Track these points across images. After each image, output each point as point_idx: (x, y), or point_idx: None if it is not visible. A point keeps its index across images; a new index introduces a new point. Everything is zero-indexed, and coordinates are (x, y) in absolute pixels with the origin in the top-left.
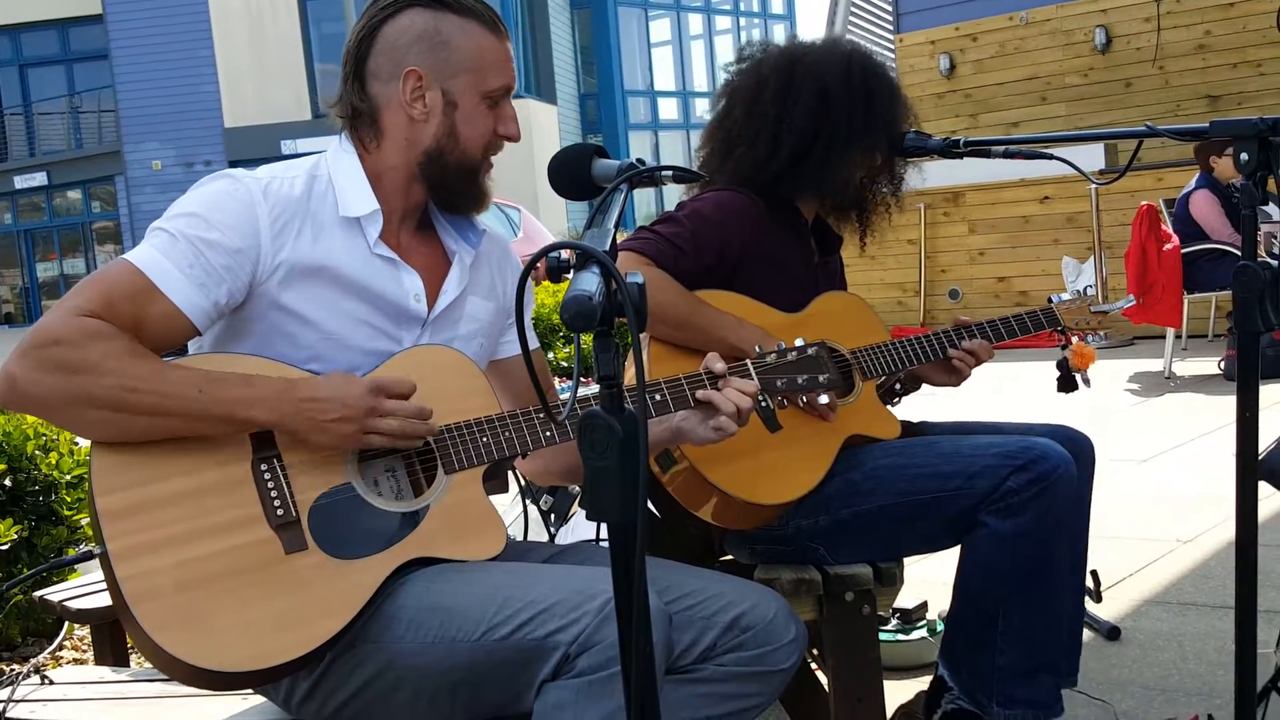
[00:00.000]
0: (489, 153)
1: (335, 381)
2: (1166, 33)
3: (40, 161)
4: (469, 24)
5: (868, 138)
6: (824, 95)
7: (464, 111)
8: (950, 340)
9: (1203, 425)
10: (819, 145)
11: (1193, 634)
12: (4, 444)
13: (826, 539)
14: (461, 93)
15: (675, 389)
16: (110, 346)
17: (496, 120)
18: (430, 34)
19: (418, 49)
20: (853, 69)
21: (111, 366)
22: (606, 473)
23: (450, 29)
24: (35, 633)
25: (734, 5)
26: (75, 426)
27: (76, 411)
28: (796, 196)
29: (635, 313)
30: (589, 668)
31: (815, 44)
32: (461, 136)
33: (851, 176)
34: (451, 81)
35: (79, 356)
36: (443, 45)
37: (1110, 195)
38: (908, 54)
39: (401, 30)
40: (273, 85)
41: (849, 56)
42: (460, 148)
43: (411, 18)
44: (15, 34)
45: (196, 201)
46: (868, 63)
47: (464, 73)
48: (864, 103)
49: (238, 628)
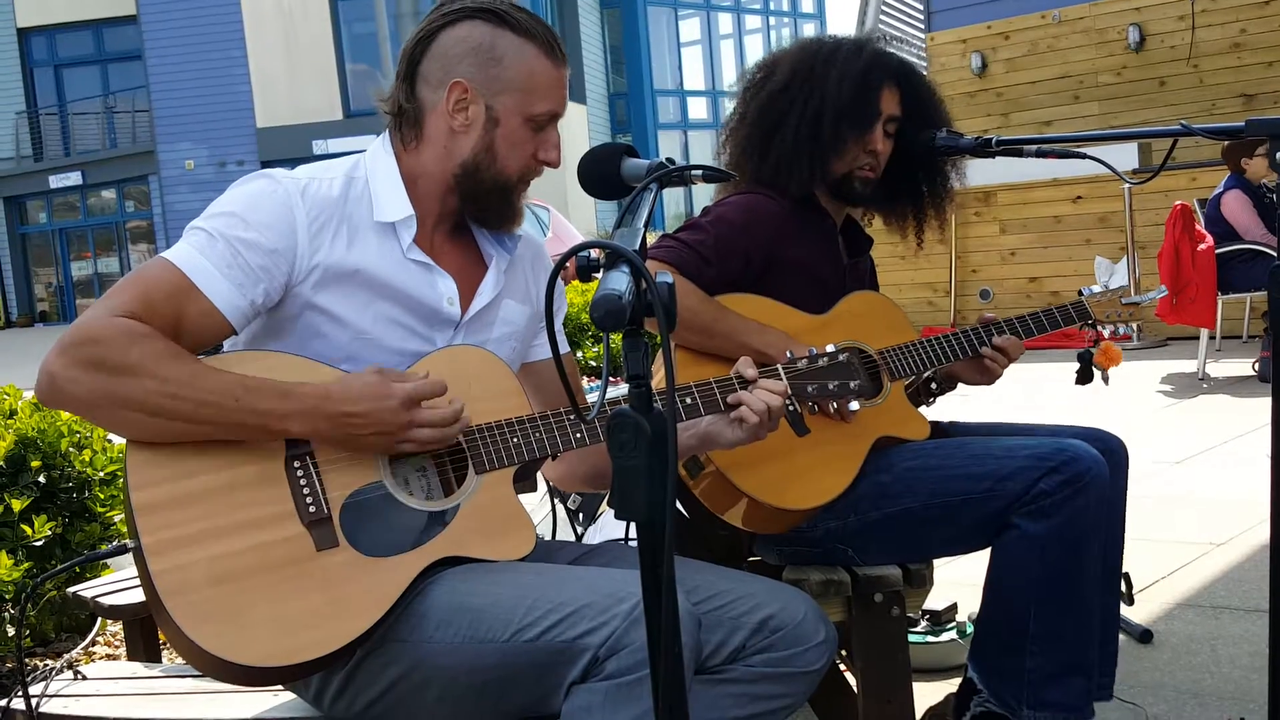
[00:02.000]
0: (526, 175)
1: (371, 391)
2: (1201, 31)
3: (75, 161)
4: (526, 45)
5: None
6: (773, 93)
7: (505, 130)
8: (980, 338)
9: (1237, 427)
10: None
11: (1226, 637)
12: (39, 441)
13: (855, 540)
14: (505, 111)
15: (706, 392)
16: (149, 348)
17: (538, 145)
18: (485, 48)
19: (469, 61)
20: (809, 59)
21: (150, 369)
22: (635, 472)
23: (506, 46)
24: (68, 628)
25: (764, 4)
26: (111, 426)
27: (113, 412)
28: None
29: (665, 312)
30: (618, 670)
31: (831, 40)
32: (499, 154)
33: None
34: (497, 99)
35: (118, 358)
36: (495, 61)
37: (1143, 195)
38: (939, 53)
39: (458, 40)
40: (304, 85)
41: (816, 49)
42: (497, 165)
43: (470, 29)
44: (50, 34)
45: (235, 201)
46: (834, 51)
47: (511, 92)
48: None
49: (269, 623)
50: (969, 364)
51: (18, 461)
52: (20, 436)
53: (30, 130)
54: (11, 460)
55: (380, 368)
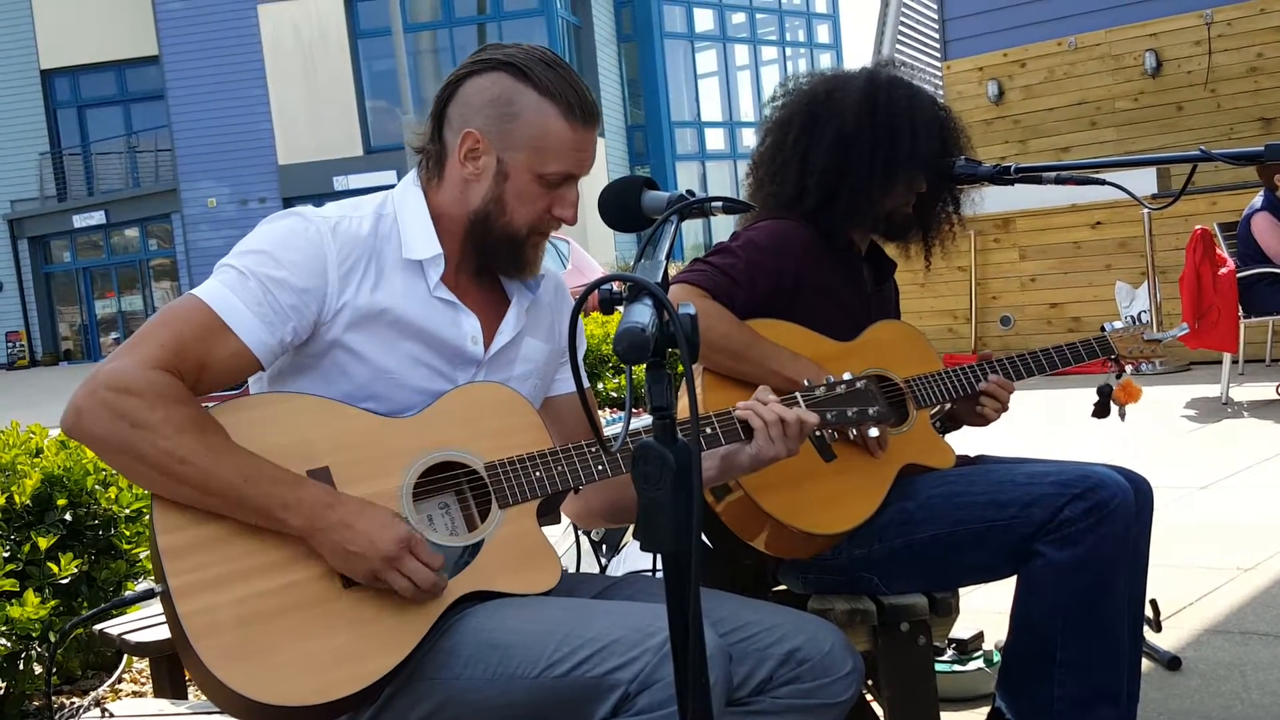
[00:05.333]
0: (538, 230)
1: (376, 519)
2: (1218, 55)
3: (98, 201)
4: (545, 104)
5: (895, 174)
6: (842, 138)
7: (515, 185)
8: (979, 375)
9: (1262, 451)
10: (845, 186)
11: (1255, 663)
12: (64, 479)
13: (881, 568)
14: (515, 167)
15: (725, 421)
16: (174, 413)
17: (553, 201)
18: (503, 102)
19: (486, 112)
20: (877, 107)
21: (169, 433)
22: (660, 504)
23: (525, 103)
24: (95, 665)
25: (780, 36)
26: (124, 473)
27: (127, 461)
28: (839, 230)
29: (688, 344)
30: (649, 706)
31: (842, 79)
32: (509, 208)
33: (893, 209)
34: (509, 153)
35: (143, 414)
36: (511, 117)
37: (1163, 220)
38: (955, 81)
39: (480, 90)
40: (325, 122)
41: (874, 93)
42: (506, 218)
43: (493, 80)
44: (74, 76)
45: (265, 239)
46: (894, 96)
47: (523, 149)
48: (888, 142)
49: (297, 662)
50: (966, 404)
51: (44, 500)
52: (46, 475)
53: (54, 170)
54: (38, 499)
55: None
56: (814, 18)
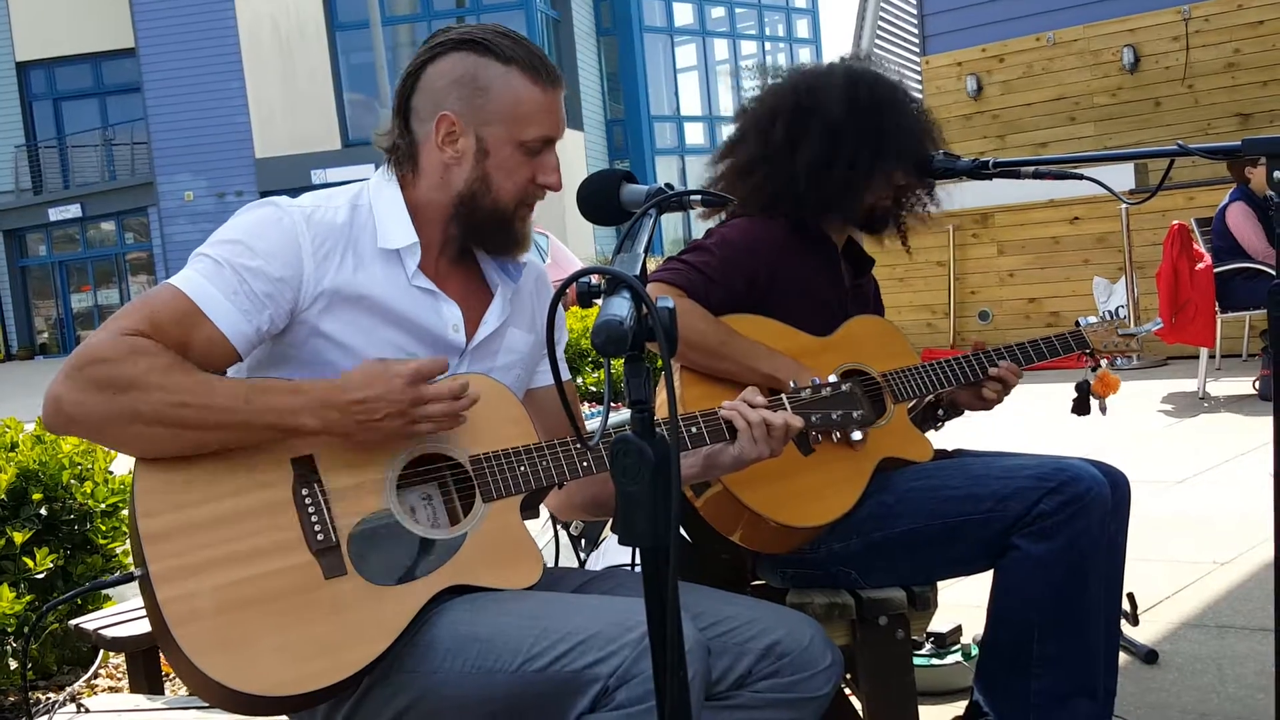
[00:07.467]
0: (525, 201)
1: (374, 375)
2: (1195, 51)
3: (74, 194)
4: (511, 71)
5: (882, 168)
6: (832, 133)
7: (497, 159)
8: (982, 365)
9: (1238, 445)
10: (831, 182)
11: (1232, 657)
12: (40, 473)
13: (858, 562)
14: (495, 141)
15: (710, 421)
16: (154, 362)
17: (536, 169)
18: (468, 79)
19: (455, 93)
20: (860, 101)
21: (157, 381)
22: (638, 497)
23: (490, 76)
24: (70, 661)
25: (759, 30)
26: (122, 444)
27: (124, 429)
28: (821, 223)
29: (666, 337)
30: (628, 700)
31: (825, 72)
32: (494, 183)
33: (874, 203)
34: (486, 129)
35: (124, 373)
36: (480, 92)
37: (1141, 215)
38: (934, 76)
39: (442, 73)
40: (303, 116)
41: (857, 87)
42: (492, 194)
43: (454, 61)
44: (49, 68)
45: (240, 228)
46: (878, 91)
47: (499, 121)
48: (875, 136)
49: (276, 652)
50: (969, 390)
51: (19, 494)
52: (21, 469)
53: (29, 163)
54: (13, 493)
55: (379, 358)
56: (793, 12)
